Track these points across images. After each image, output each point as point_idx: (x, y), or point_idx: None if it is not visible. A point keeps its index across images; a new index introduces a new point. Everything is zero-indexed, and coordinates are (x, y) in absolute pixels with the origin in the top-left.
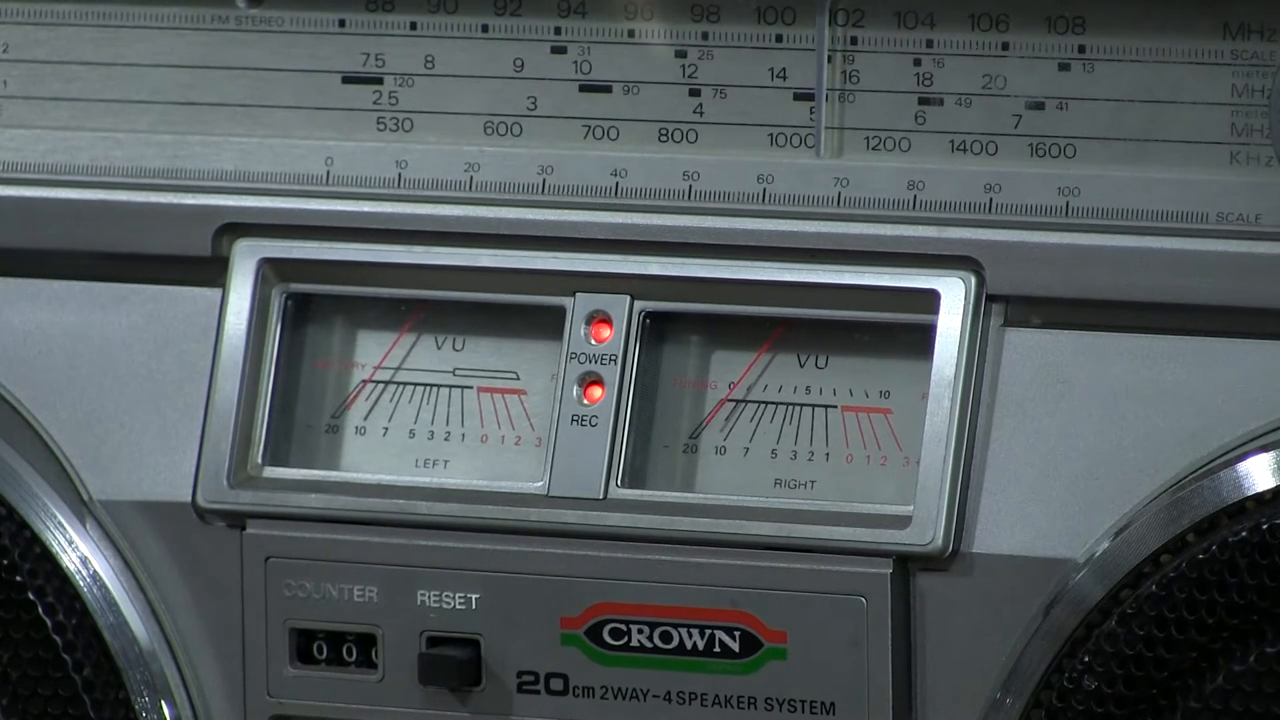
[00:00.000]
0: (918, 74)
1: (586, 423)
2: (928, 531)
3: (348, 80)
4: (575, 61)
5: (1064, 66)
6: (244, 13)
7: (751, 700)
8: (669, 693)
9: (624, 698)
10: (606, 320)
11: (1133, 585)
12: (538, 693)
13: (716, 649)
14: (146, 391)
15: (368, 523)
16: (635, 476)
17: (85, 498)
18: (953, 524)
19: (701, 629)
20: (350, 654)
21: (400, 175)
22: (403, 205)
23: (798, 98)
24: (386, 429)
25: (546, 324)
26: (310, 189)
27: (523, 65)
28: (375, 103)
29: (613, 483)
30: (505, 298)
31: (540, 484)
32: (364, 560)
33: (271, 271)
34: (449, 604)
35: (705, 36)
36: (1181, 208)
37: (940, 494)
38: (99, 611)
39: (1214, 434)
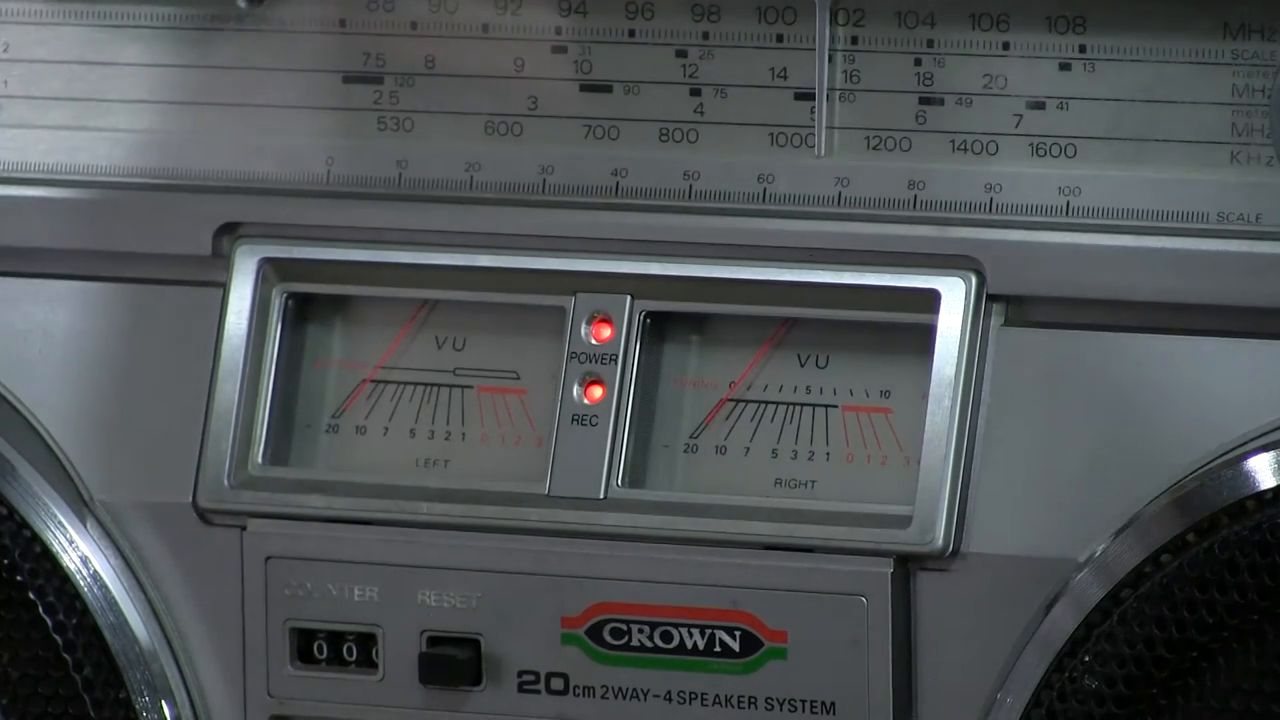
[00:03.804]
0: (918, 74)
1: (587, 422)
2: (928, 531)
3: (348, 80)
4: (575, 61)
5: (1064, 66)
6: (244, 13)
7: (751, 700)
8: (669, 693)
9: (624, 698)
10: (607, 320)
11: (1133, 585)
12: (538, 692)
13: (717, 649)
14: (146, 391)
15: (368, 522)
16: (635, 476)
17: (85, 498)
18: (953, 524)
19: (702, 629)
20: (350, 654)
21: (400, 175)
22: (403, 205)
23: (798, 97)
24: (387, 429)
25: (547, 324)
26: (310, 189)
27: (523, 65)
28: (376, 102)
29: (613, 482)
30: (505, 298)
31: (540, 484)
32: (364, 560)
33: (271, 271)
34: (449, 604)
35: (705, 36)
36: (1181, 208)
37: (940, 494)
38: (99, 611)
39: (1214, 434)
